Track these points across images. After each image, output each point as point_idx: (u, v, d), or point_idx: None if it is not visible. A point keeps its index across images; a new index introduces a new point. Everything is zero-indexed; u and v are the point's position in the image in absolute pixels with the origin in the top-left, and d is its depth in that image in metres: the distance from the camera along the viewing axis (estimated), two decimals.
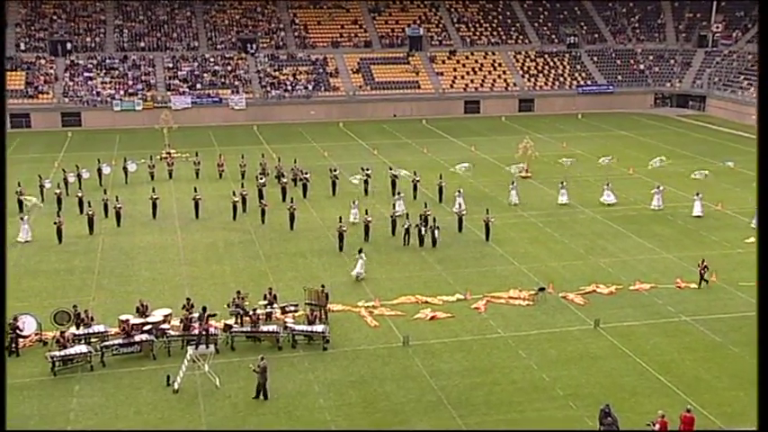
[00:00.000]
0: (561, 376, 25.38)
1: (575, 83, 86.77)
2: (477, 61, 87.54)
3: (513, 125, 75.19)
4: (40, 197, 45.99)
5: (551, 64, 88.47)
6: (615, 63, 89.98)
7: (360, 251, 34.45)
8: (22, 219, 40.06)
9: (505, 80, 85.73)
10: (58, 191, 45.46)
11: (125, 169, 51.97)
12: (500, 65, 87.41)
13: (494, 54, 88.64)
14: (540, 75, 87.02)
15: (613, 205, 45.12)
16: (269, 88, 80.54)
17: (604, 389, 24.55)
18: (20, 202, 43.78)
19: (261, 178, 47.71)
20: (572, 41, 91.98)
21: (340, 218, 38.96)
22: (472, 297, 31.69)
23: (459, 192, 43.52)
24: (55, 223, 39.48)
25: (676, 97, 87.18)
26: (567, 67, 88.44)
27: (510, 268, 35.40)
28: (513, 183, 46.91)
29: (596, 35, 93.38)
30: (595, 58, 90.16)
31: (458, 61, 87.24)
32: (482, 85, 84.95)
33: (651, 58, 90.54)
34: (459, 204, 41.85)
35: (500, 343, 27.84)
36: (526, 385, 24.86)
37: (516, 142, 56.23)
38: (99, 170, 51.26)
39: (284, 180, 47.97)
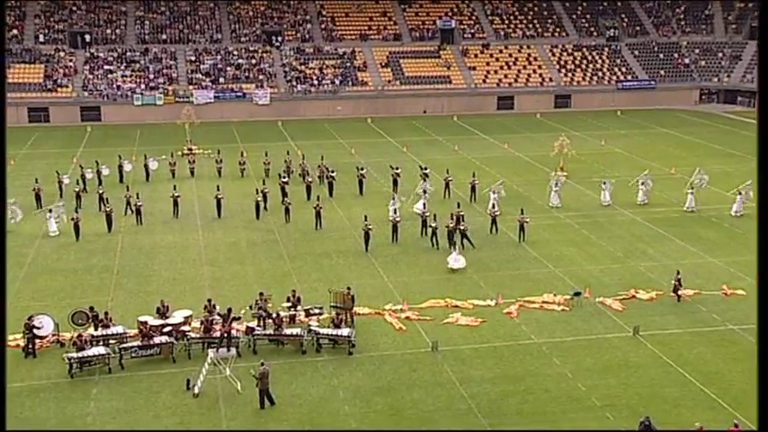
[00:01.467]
0: (598, 385, 25.18)
1: (614, 78, 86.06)
2: (511, 55, 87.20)
3: (548, 122, 74.84)
4: (58, 193, 46.96)
5: (590, 58, 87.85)
6: (658, 57, 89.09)
7: (455, 243, 36.03)
8: (50, 210, 41.15)
9: (541, 75, 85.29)
10: (77, 188, 46.12)
11: (146, 166, 52.49)
12: (535, 59, 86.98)
13: (529, 48, 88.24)
14: (578, 69, 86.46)
15: (645, 205, 45.02)
16: (294, 83, 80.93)
17: (644, 400, 24.31)
18: (37, 197, 44.51)
19: (284, 176, 47.96)
20: (612, 34, 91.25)
21: (365, 216, 39.08)
22: (504, 301, 31.55)
23: (493, 191, 43.31)
24: (72, 219, 40.11)
25: (724, 93, 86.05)
26: (607, 61, 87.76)
27: (544, 271, 35.20)
28: (556, 183, 46.49)
29: (638, 27, 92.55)
30: (636, 52, 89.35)
31: (491, 55, 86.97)
32: (516, 80, 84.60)
33: (697, 51, 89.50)
34: (493, 205, 41.69)
35: (533, 350, 27.70)
36: (560, 394, 24.70)
37: (552, 140, 55.98)
38: (120, 167, 51.86)
39: (309, 178, 48.15)
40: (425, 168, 49.45)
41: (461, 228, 38.33)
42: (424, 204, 42.03)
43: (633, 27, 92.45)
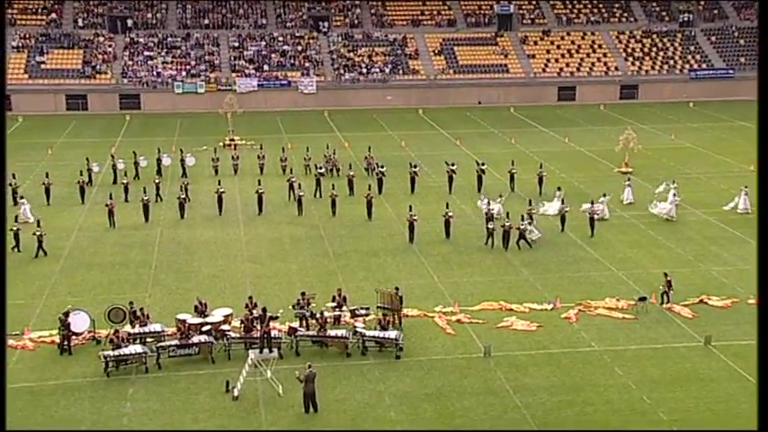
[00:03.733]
0: (665, 398, 24.83)
1: (687, 67, 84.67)
2: (573, 42, 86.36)
3: (612, 114, 74.02)
4: (87, 180, 48.08)
5: (660, 45, 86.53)
6: (737, 43, 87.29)
7: (531, 219, 38.35)
8: (21, 198, 43.06)
9: (606, 64, 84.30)
10: (125, 180, 47.13)
11: (182, 161, 52.89)
12: (600, 46, 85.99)
13: (593, 34, 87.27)
14: (647, 58, 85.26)
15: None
16: (342, 71, 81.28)
17: (717, 415, 23.94)
18: (81, 190, 45.70)
19: (320, 167, 48.49)
20: (685, 19, 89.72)
21: (410, 207, 39.45)
22: (562, 305, 31.32)
23: (557, 190, 43.49)
24: (107, 205, 41.35)
25: None
26: (679, 48, 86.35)
27: (606, 274, 34.85)
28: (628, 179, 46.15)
29: (715, 11, 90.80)
30: (713, 38, 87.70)
31: (552, 42, 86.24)
32: (579, 70, 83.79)
33: None
34: (563, 200, 42.10)
35: (593, 358, 27.44)
36: (623, 407, 24.42)
37: (616, 134, 55.31)
38: (158, 160, 52.59)
39: (351, 172, 48.16)
40: (483, 164, 49.27)
41: (520, 227, 38.05)
42: (488, 201, 42.06)
43: (710, 11, 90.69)
